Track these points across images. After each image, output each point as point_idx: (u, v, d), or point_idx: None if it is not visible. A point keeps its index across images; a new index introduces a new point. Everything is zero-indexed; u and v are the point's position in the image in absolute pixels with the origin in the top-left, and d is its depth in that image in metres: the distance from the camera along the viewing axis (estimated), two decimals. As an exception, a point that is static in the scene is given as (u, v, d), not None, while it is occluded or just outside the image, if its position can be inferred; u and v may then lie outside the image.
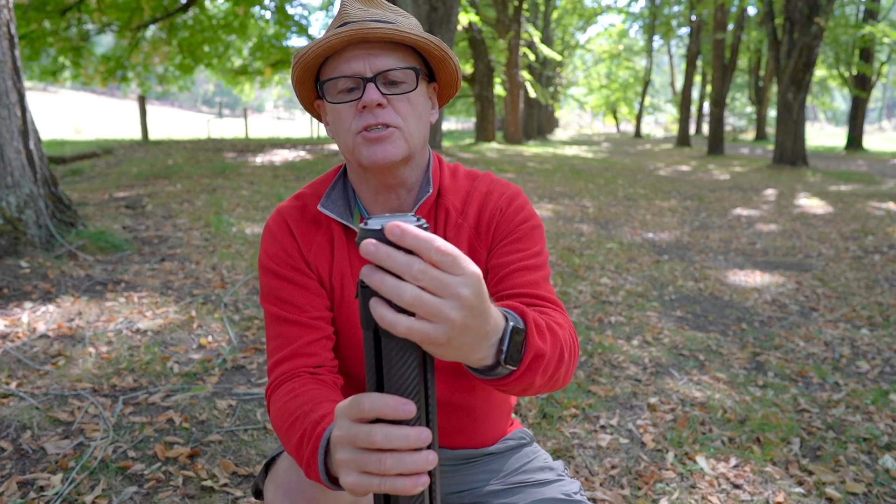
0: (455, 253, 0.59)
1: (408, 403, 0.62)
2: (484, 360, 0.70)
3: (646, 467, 2.13)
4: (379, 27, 0.98)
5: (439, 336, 0.60)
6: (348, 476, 0.65)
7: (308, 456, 0.85)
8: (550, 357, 0.80)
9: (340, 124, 1.03)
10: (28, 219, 4.21)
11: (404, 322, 0.58)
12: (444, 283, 0.58)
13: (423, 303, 0.58)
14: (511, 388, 0.78)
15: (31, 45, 14.12)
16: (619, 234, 6.45)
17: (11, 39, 4.22)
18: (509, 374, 0.75)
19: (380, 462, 0.62)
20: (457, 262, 0.59)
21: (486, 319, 0.65)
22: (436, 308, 0.59)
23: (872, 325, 3.72)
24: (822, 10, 13.70)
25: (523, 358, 0.75)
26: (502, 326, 0.71)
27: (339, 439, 0.66)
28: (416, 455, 0.63)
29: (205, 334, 3.19)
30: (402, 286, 0.58)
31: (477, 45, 19.00)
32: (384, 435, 0.62)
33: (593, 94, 47.99)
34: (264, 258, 1.10)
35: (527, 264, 1.03)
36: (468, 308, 0.60)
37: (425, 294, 0.58)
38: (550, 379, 0.83)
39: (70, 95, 57.93)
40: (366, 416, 0.63)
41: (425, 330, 0.59)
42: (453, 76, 1.10)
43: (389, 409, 0.62)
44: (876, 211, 8.20)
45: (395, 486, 0.63)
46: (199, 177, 8.94)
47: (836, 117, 71.79)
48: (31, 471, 1.99)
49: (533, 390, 0.83)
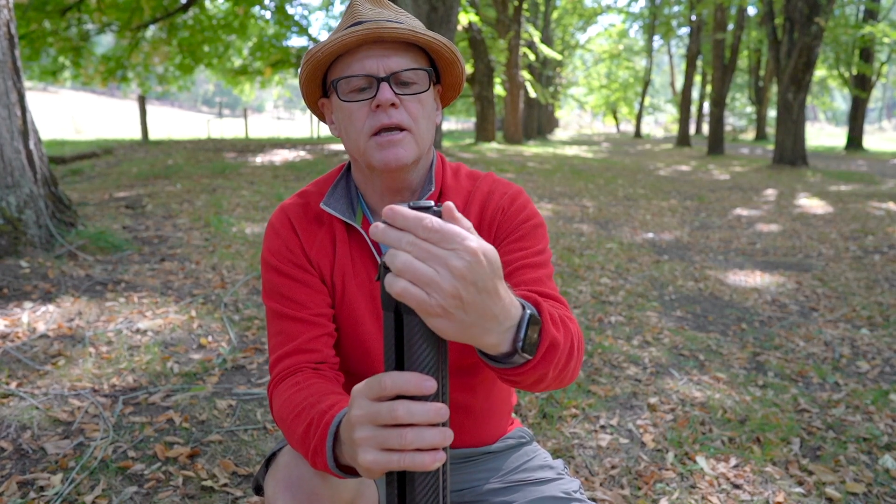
0: (445, 229, 0.62)
1: (429, 379, 0.65)
2: (499, 347, 0.72)
3: (646, 467, 2.13)
4: (395, 27, 0.98)
5: (433, 305, 0.62)
6: (367, 454, 0.67)
7: (315, 444, 0.85)
8: (563, 348, 0.81)
9: (352, 124, 1.03)
10: (28, 219, 4.21)
11: (401, 283, 0.62)
12: (432, 253, 0.62)
13: (412, 268, 0.61)
14: (524, 378, 0.78)
15: (31, 45, 14.13)
16: (619, 235, 6.45)
17: (11, 39, 4.22)
18: (524, 363, 0.75)
19: (401, 437, 0.65)
20: (446, 238, 0.62)
21: (492, 298, 0.66)
22: (425, 275, 0.61)
23: (872, 325, 3.72)
24: (822, 10, 13.70)
25: (539, 347, 0.76)
26: (518, 314, 0.72)
27: (359, 418, 0.68)
28: (435, 430, 0.66)
29: (205, 334, 3.19)
30: (395, 253, 0.62)
31: (477, 45, 19.00)
32: (406, 409, 0.65)
33: (593, 94, 48.00)
34: (267, 255, 1.10)
35: (530, 262, 1.03)
36: (460, 278, 0.62)
37: (416, 261, 0.62)
38: (561, 372, 0.84)
39: (70, 95, 57.95)
40: (387, 393, 0.66)
41: (419, 295, 0.62)
42: (458, 79, 1.11)
43: (412, 386, 0.65)
44: (876, 211, 8.21)
45: (414, 461, 0.65)
46: (199, 177, 8.94)
47: (836, 117, 71.79)
48: (31, 471, 1.99)
49: (543, 384, 0.83)
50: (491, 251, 0.65)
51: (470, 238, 0.63)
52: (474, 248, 0.62)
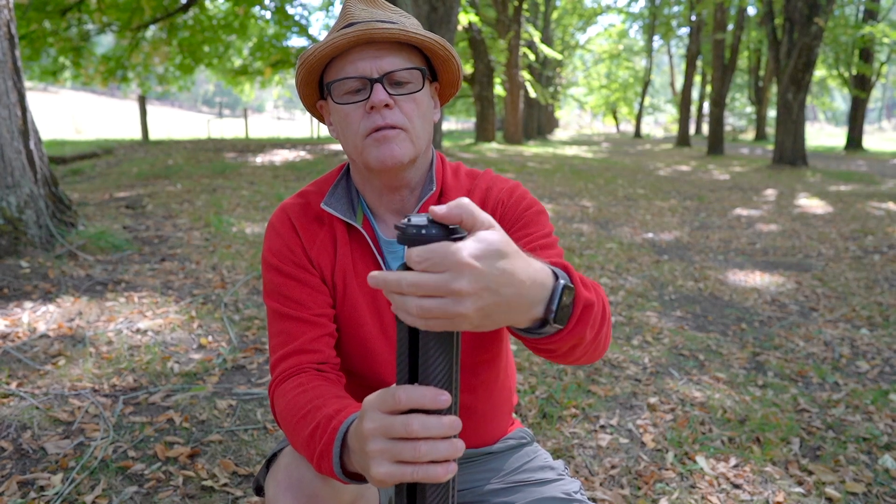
0: (432, 255, 0.60)
1: (444, 394, 0.65)
2: (537, 318, 0.71)
3: (646, 467, 2.14)
4: (385, 27, 0.98)
5: (465, 327, 0.63)
6: (380, 466, 0.67)
7: (322, 449, 0.85)
8: (597, 309, 0.80)
9: (348, 126, 1.03)
10: (28, 219, 4.21)
11: (423, 322, 0.62)
12: (433, 285, 0.60)
13: (426, 310, 0.61)
14: (562, 345, 0.77)
15: (31, 45, 14.12)
16: (618, 235, 6.45)
17: (11, 39, 4.22)
18: (561, 329, 0.74)
19: (415, 450, 0.65)
20: (436, 263, 0.60)
21: (514, 286, 0.64)
22: (440, 310, 0.61)
23: (872, 325, 3.72)
24: (821, 10, 13.70)
25: (573, 310, 0.75)
26: (551, 283, 0.71)
27: (372, 431, 0.68)
28: (448, 442, 0.66)
29: (205, 334, 3.19)
30: (405, 301, 0.61)
31: (477, 45, 19.00)
32: (421, 424, 0.65)
33: (593, 94, 48.01)
34: (267, 254, 1.10)
35: (539, 244, 1.03)
36: (472, 295, 0.61)
37: (425, 301, 0.61)
38: (597, 336, 0.82)
39: (70, 95, 57.92)
40: (401, 407, 0.66)
41: (446, 326, 0.62)
42: (455, 76, 1.11)
43: (428, 401, 0.65)
44: (876, 211, 8.21)
45: (427, 473, 0.66)
46: (200, 177, 8.94)
47: (836, 117, 71.77)
48: (32, 470, 1.99)
49: (580, 349, 0.81)
50: (490, 243, 0.62)
51: (458, 250, 0.61)
52: (465, 261, 0.60)
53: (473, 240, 0.62)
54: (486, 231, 0.64)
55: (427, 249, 0.60)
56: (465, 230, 0.64)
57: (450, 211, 0.63)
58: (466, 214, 0.64)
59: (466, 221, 0.64)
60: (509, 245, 0.64)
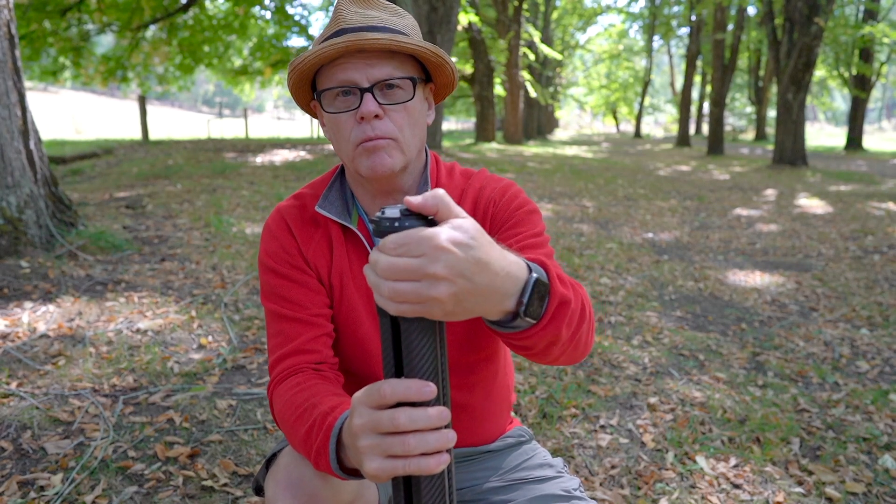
0: (408, 239, 0.61)
1: (428, 385, 0.65)
2: (509, 312, 0.71)
3: (646, 467, 2.14)
4: (376, 37, 0.97)
5: (435, 313, 0.63)
6: (372, 462, 0.67)
7: (318, 446, 0.86)
8: (575, 307, 0.79)
9: (339, 133, 1.03)
10: (28, 219, 4.21)
11: (395, 307, 0.63)
12: (409, 269, 0.61)
13: (400, 293, 0.62)
14: (537, 341, 0.77)
15: (31, 45, 14.12)
16: (618, 234, 6.45)
17: (11, 39, 4.22)
18: (535, 324, 0.74)
19: (403, 443, 0.65)
20: (412, 248, 0.61)
21: (488, 275, 0.65)
22: (412, 294, 0.62)
23: (872, 325, 3.72)
24: (821, 10, 13.70)
25: (548, 306, 0.74)
26: (524, 277, 0.71)
27: (361, 427, 0.68)
28: (437, 433, 0.66)
29: (205, 334, 3.20)
30: (378, 283, 0.63)
31: (477, 45, 19.00)
32: (408, 417, 0.65)
33: (593, 94, 48.01)
34: (264, 256, 1.11)
35: (528, 243, 1.03)
36: (446, 280, 0.62)
37: (399, 284, 0.61)
38: (575, 335, 0.82)
39: (70, 95, 57.93)
40: (387, 401, 0.66)
41: (418, 310, 0.63)
42: (450, 78, 1.11)
43: (413, 393, 0.65)
44: (876, 211, 8.21)
45: (419, 465, 0.66)
46: (200, 177, 8.94)
47: (836, 117, 71.78)
48: (32, 471, 1.99)
49: (557, 347, 0.81)
50: (465, 230, 0.63)
51: (435, 235, 0.62)
52: (442, 245, 0.61)
53: (449, 226, 0.63)
54: (461, 219, 0.64)
55: (403, 235, 0.62)
56: (439, 221, 0.65)
57: (425, 201, 0.64)
58: (442, 205, 0.64)
59: (442, 212, 0.65)
60: (483, 235, 0.66)
